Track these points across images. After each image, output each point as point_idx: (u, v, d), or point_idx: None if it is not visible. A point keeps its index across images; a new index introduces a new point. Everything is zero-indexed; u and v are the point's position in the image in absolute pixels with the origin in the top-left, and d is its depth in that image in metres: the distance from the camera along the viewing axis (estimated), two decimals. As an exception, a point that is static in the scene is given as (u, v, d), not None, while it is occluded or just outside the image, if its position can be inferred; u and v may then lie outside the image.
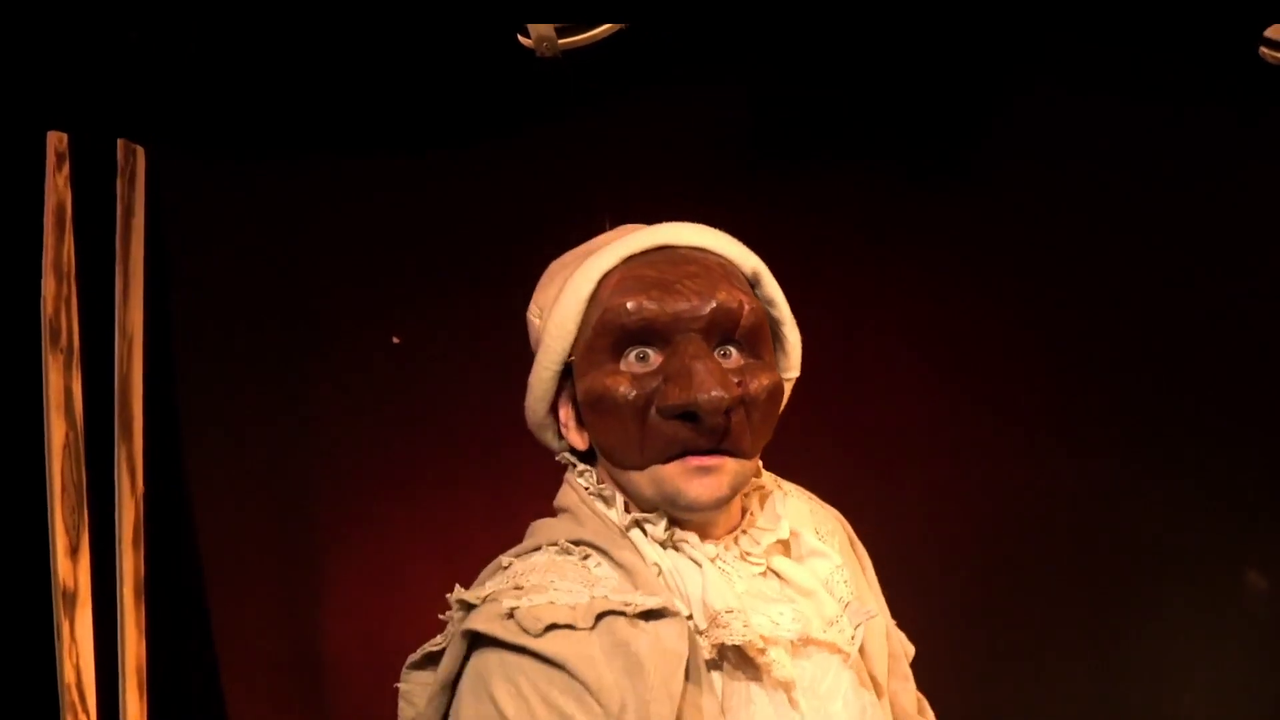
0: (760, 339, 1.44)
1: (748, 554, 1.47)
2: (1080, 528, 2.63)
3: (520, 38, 2.39)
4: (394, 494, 2.69)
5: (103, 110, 2.56)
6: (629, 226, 1.56)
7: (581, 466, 1.51)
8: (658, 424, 1.40)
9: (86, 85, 2.54)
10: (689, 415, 1.38)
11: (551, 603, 1.38)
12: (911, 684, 1.58)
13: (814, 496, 1.63)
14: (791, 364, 1.52)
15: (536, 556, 1.46)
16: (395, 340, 2.71)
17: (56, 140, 2.46)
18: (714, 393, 1.36)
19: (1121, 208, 2.61)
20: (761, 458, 1.53)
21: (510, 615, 1.37)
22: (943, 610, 2.39)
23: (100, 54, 2.53)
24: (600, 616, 1.36)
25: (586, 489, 1.50)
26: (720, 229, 1.53)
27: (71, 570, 2.41)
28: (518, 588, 1.41)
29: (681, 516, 1.45)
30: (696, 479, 1.41)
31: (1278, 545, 2.61)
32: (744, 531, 1.49)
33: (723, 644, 1.38)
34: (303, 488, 2.73)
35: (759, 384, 1.42)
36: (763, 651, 1.39)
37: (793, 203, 2.64)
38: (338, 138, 2.67)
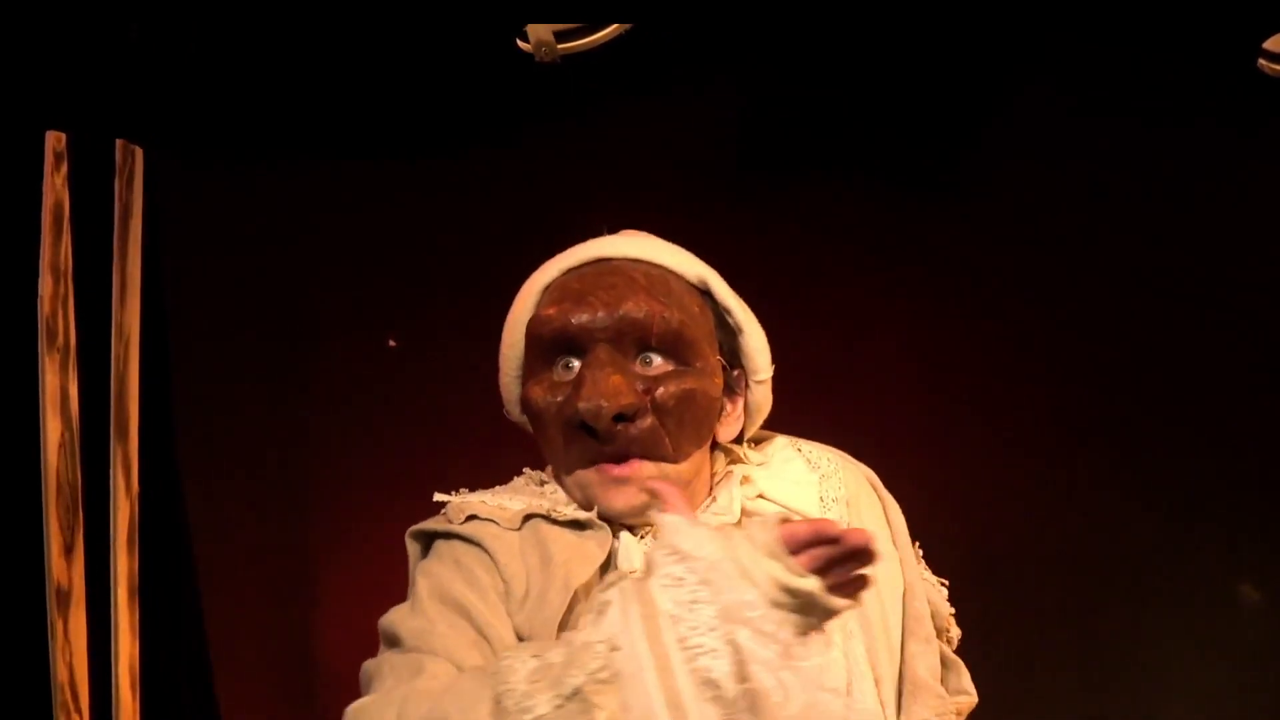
0: (687, 345, 1.48)
1: None
2: (1072, 539, 2.64)
3: (519, 43, 2.40)
4: (389, 495, 2.68)
5: (101, 110, 2.56)
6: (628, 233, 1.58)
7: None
8: (570, 431, 1.47)
9: (85, 85, 2.54)
10: (583, 425, 1.45)
11: (483, 502, 1.52)
12: (934, 646, 1.57)
13: (842, 456, 1.64)
14: (757, 367, 1.56)
15: (516, 481, 1.61)
16: (391, 344, 2.71)
17: (55, 140, 2.46)
18: (590, 403, 1.42)
19: (1118, 220, 2.62)
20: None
21: (443, 512, 1.54)
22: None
23: (99, 54, 2.53)
24: (527, 519, 1.49)
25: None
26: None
27: (66, 569, 2.41)
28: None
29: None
30: (612, 489, 1.47)
31: (1269, 559, 2.61)
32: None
33: None
34: (298, 489, 2.74)
35: (666, 390, 1.45)
36: None
37: (790, 207, 2.64)
38: (336, 140, 2.68)
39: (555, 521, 1.49)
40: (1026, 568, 2.61)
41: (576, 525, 1.48)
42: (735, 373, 1.55)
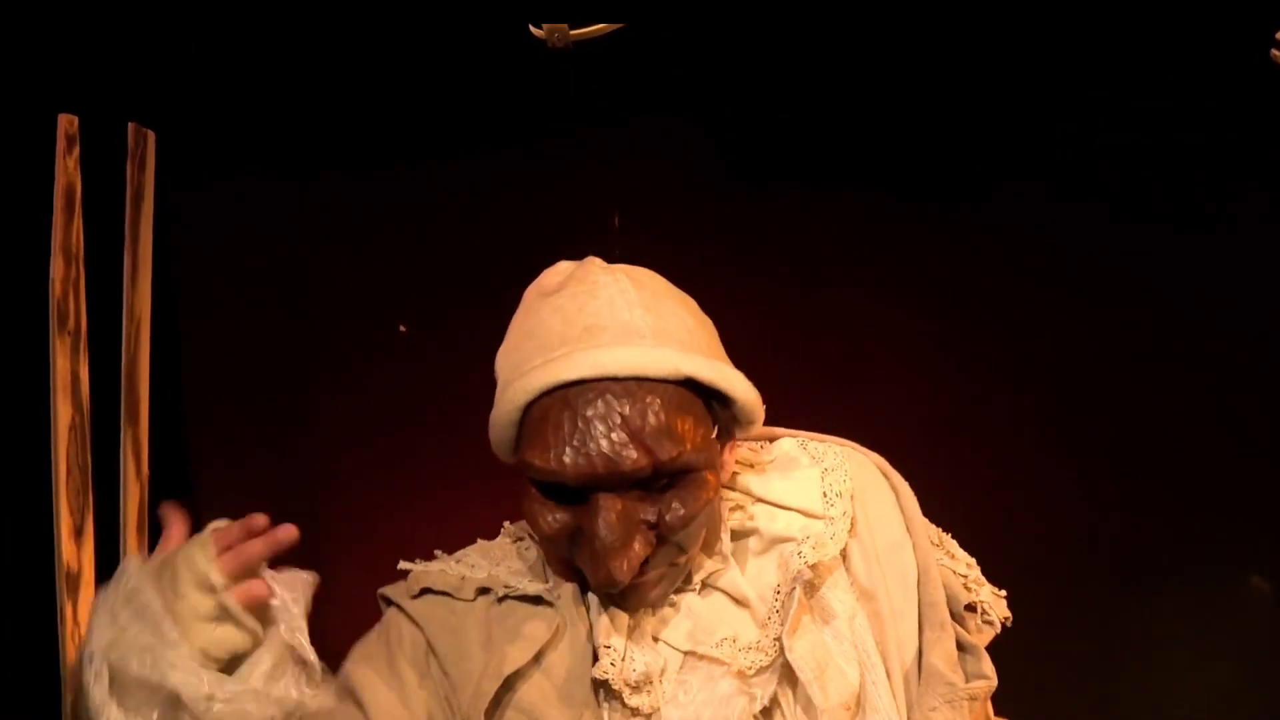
0: (689, 463, 1.42)
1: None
2: (1075, 539, 2.63)
3: (532, 28, 2.40)
4: (398, 484, 2.70)
5: (114, 93, 2.56)
6: (592, 266, 1.54)
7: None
8: (573, 563, 1.45)
9: (97, 68, 2.54)
10: None
11: (444, 571, 1.53)
12: (949, 632, 1.53)
13: (849, 446, 1.62)
14: (752, 419, 1.49)
15: (496, 539, 1.61)
16: (402, 329, 2.71)
17: (67, 123, 2.46)
18: (606, 578, 1.39)
19: (1120, 216, 2.61)
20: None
21: (406, 578, 1.55)
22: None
23: (112, 37, 2.53)
24: (481, 591, 1.50)
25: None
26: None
27: (75, 553, 2.42)
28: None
29: None
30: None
31: (1273, 553, 2.61)
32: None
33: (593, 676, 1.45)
34: (307, 475, 2.74)
35: (674, 519, 1.41)
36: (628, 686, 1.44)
37: (792, 207, 2.64)
38: (348, 125, 2.68)
39: (508, 597, 1.49)
40: (1034, 565, 2.60)
41: (527, 599, 1.49)
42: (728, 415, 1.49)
